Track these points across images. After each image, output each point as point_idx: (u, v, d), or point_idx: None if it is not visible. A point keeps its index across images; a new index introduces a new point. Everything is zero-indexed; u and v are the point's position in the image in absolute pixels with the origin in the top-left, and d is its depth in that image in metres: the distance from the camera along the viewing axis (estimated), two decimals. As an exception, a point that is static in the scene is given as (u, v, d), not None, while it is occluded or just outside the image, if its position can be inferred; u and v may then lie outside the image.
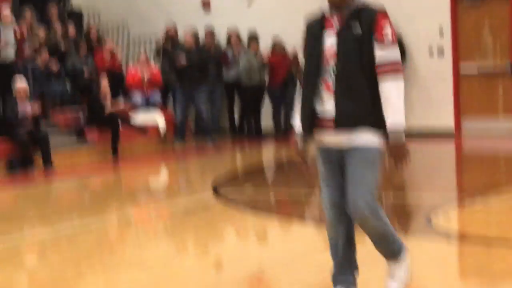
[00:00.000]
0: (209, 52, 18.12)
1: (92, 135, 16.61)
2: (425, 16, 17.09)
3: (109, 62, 17.73)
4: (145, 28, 19.59)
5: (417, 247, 8.04)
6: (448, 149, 16.85)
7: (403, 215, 10.80)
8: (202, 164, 16.55)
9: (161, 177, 16.11)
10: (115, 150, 16.41)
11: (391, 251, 5.07)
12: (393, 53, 4.90)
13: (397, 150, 4.88)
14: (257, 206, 11.31)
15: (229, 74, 18.50)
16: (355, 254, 5.23)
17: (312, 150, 5.26)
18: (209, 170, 15.46)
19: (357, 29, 4.91)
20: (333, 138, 5.03)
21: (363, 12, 4.95)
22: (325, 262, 6.43)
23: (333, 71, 4.96)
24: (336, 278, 5.13)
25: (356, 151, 4.92)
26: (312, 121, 5.07)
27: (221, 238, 9.95)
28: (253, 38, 18.22)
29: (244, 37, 18.62)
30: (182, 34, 18.09)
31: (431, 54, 17.42)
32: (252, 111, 18.65)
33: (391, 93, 4.84)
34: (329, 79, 4.96)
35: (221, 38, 18.82)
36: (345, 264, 5.12)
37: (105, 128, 16.42)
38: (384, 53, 4.86)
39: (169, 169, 16.45)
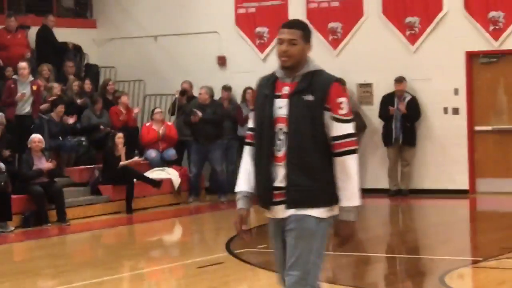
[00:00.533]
0: (224, 108, 18.18)
1: (107, 189, 16.49)
2: (441, 76, 17.01)
3: (124, 118, 17.72)
4: (161, 84, 19.68)
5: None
6: (462, 208, 16.53)
7: (417, 274, 10.74)
8: (216, 221, 16.43)
9: (175, 233, 15.95)
10: (129, 205, 16.31)
11: None
12: (349, 127, 4.74)
13: (346, 228, 4.73)
14: (269, 266, 10.85)
15: (245, 130, 18.43)
16: None
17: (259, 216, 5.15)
18: (223, 227, 15.26)
19: (309, 95, 4.74)
20: (282, 211, 4.83)
21: (316, 78, 4.77)
22: None
23: (284, 138, 4.78)
24: None
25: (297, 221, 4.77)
26: (270, 194, 4.83)
27: None
28: None
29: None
30: (198, 91, 18.05)
31: (446, 113, 17.24)
32: None
33: (350, 170, 4.68)
34: (280, 146, 4.78)
35: (237, 94, 18.87)
36: None
37: (119, 183, 16.36)
38: (339, 126, 4.67)
39: (182, 225, 16.26)
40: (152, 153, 17.49)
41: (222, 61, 19.38)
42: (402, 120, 16.96)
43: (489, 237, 12.99)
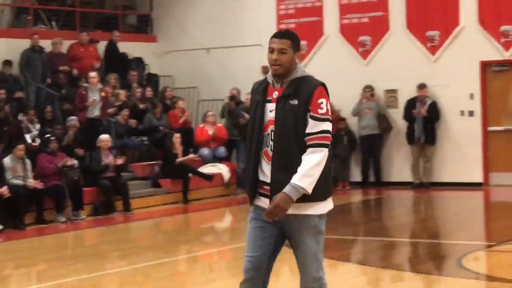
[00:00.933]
0: None
1: (166, 183, 16.76)
2: (458, 83, 17.07)
3: (180, 120, 17.93)
4: (213, 90, 19.89)
5: (449, 286, 8.64)
6: (477, 199, 16.58)
7: (437, 257, 10.77)
8: None
9: (225, 221, 16.05)
10: (185, 196, 16.56)
11: None
12: (323, 125, 4.60)
13: (280, 204, 4.53)
14: None
15: None
16: None
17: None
18: None
19: (294, 100, 4.64)
20: (265, 203, 4.78)
21: (302, 83, 4.68)
22: None
23: (271, 139, 4.73)
24: None
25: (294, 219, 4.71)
26: (254, 188, 4.83)
27: (280, 270, 9.74)
28: None
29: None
30: (245, 96, 17.99)
31: (462, 115, 17.26)
32: None
33: (313, 158, 4.54)
34: (268, 147, 4.74)
35: None
36: None
37: (177, 177, 16.62)
38: (314, 124, 4.57)
39: (231, 213, 16.31)
40: (205, 151, 17.73)
41: (265, 70, 17.90)
42: (423, 122, 17.06)
43: (501, 224, 13.04)
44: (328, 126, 4.59)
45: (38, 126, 15.90)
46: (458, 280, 8.85)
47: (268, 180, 4.73)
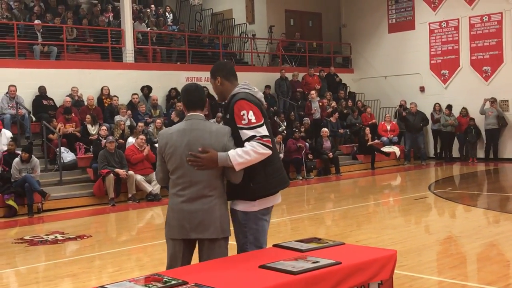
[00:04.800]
0: (422, 115, 19.28)
1: (360, 157, 18.37)
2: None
3: (368, 119, 19.77)
4: (389, 101, 21.26)
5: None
6: None
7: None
8: (419, 173, 16.97)
9: (396, 180, 16.23)
10: (372, 165, 18.13)
11: None
12: (248, 132, 3.85)
13: (206, 158, 3.77)
14: (454, 199, 11.46)
15: (434, 126, 19.48)
16: None
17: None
18: (424, 177, 15.89)
19: (226, 115, 4.04)
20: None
21: (230, 100, 4.00)
22: (488, 233, 7.78)
23: None
24: None
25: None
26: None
27: (432, 214, 10.52)
28: (449, 106, 19.26)
29: (443, 106, 19.39)
30: (409, 105, 19.60)
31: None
32: (447, 146, 19.40)
33: (239, 149, 3.78)
34: None
35: (430, 107, 19.71)
36: None
37: (367, 154, 18.16)
38: (243, 133, 3.85)
39: (400, 176, 16.65)
40: (384, 138, 19.22)
41: (422, 89, 20.76)
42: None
43: None
44: (252, 132, 3.85)
45: (285, 123, 17.44)
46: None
47: None
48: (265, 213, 4.02)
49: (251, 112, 3.84)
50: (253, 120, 3.84)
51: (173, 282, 3.10)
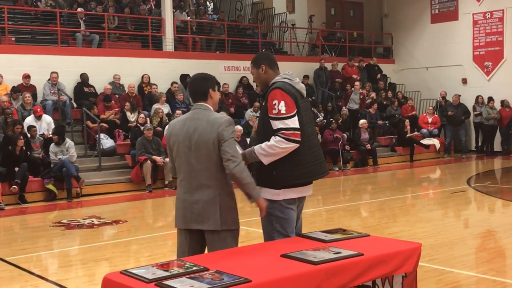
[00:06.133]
0: (464, 107, 19.04)
1: (399, 149, 18.20)
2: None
3: (409, 111, 19.51)
4: (429, 93, 21.07)
5: None
6: None
7: None
8: (459, 166, 16.96)
9: (436, 173, 16.24)
10: (411, 157, 17.81)
11: None
12: (276, 123, 3.86)
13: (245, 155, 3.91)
14: (491, 194, 11.47)
15: (476, 119, 19.39)
16: None
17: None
18: (464, 171, 15.72)
19: (263, 103, 4.03)
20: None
21: (268, 88, 4.02)
22: None
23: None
24: None
25: None
26: None
27: (468, 207, 10.48)
28: (490, 99, 19.01)
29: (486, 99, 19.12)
30: (451, 97, 19.48)
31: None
32: (489, 139, 19.21)
33: (264, 144, 3.84)
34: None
35: (471, 99, 19.63)
36: None
37: (406, 146, 18.20)
38: (272, 123, 3.89)
39: (440, 169, 16.64)
40: (424, 130, 19.08)
41: (464, 81, 20.57)
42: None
43: None
44: (281, 124, 3.87)
45: (322, 114, 17.39)
46: None
47: None
48: (291, 203, 3.98)
49: (282, 103, 3.83)
50: (283, 111, 3.83)
51: (194, 268, 3.16)
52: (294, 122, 3.84)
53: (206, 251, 3.91)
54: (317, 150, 4.11)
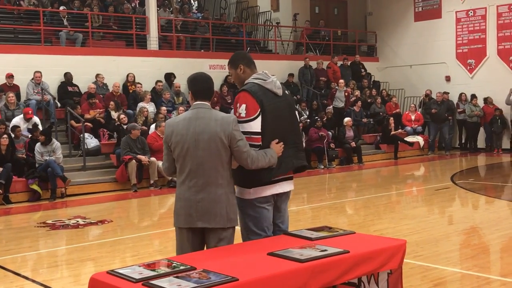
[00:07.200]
0: (448, 104, 19.24)
1: (383, 147, 18.29)
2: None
3: (393, 109, 19.63)
4: (414, 91, 21.18)
5: None
6: None
7: None
8: (442, 163, 16.87)
9: (420, 170, 16.24)
10: (395, 155, 17.80)
11: None
12: (245, 126, 3.85)
13: None
14: (476, 191, 11.48)
15: (460, 116, 19.47)
16: None
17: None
18: (448, 168, 15.71)
19: None
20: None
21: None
22: (508, 224, 7.75)
23: None
24: None
25: None
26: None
27: (452, 204, 10.46)
28: (474, 96, 19.23)
29: (469, 96, 19.38)
30: (435, 94, 19.59)
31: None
32: (472, 136, 19.39)
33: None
34: None
35: (455, 97, 19.75)
36: None
37: (391, 143, 18.30)
38: (240, 126, 3.84)
39: (424, 166, 16.81)
40: (408, 128, 19.10)
41: (448, 78, 20.65)
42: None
43: None
44: (246, 126, 3.86)
45: (307, 112, 17.38)
46: None
47: None
48: (263, 201, 3.97)
49: (243, 106, 3.81)
50: (243, 114, 3.82)
51: (181, 267, 3.17)
52: (252, 126, 3.83)
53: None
54: (289, 147, 4.04)
